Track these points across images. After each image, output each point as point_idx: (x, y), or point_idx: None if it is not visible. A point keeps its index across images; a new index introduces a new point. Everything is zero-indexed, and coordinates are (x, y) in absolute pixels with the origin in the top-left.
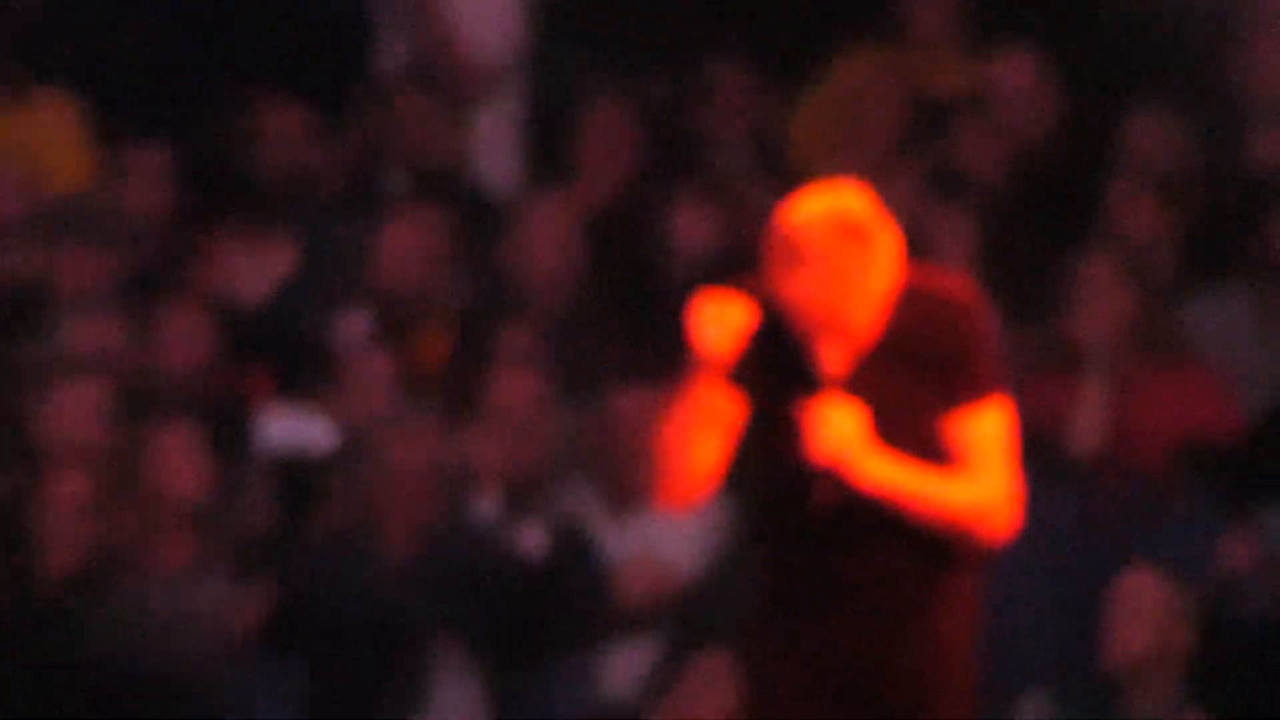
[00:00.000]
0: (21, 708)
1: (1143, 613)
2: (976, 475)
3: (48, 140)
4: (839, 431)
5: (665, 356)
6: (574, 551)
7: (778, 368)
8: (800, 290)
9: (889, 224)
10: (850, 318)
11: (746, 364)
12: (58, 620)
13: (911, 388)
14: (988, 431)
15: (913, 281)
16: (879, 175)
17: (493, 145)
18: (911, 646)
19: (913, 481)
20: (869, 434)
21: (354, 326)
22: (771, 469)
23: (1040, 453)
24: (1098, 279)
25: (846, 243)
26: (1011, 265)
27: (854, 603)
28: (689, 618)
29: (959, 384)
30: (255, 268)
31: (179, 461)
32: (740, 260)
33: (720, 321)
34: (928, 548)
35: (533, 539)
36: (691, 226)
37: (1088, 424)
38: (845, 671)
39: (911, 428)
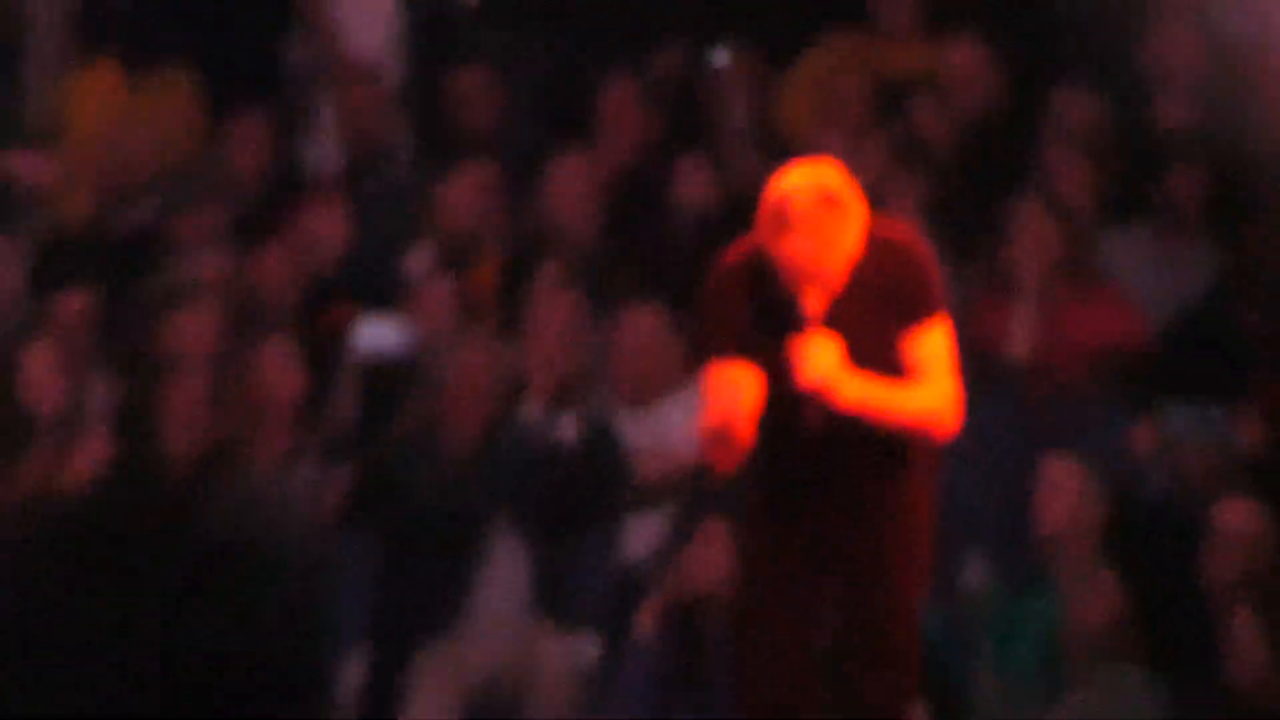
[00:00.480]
0: (148, 577)
1: (1064, 492)
2: (927, 384)
3: (169, 112)
4: (820, 362)
5: (669, 283)
6: (601, 441)
7: (769, 314)
8: (788, 250)
9: (858, 191)
10: (828, 269)
11: (743, 312)
12: (179, 501)
13: (876, 318)
14: (934, 346)
15: (872, 230)
16: (850, 143)
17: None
18: (878, 531)
19: (880, 397)
20: (844, 362)
21: (422, 260)
22: (768, 398)
23: (981, 363)
24: (1029, 221)
25: (826, 210)
26: (959, 213)
27: (832, 497)
28: (694, 493)
29: (910, 309)
30: (336, 218)
31: (277, 369)
32: (732, 210)
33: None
34: (891, 452)
35: (568, 432)
36: (693, 185)
37: (1020, 339)
38: (826, 552)
39: (878, 351)
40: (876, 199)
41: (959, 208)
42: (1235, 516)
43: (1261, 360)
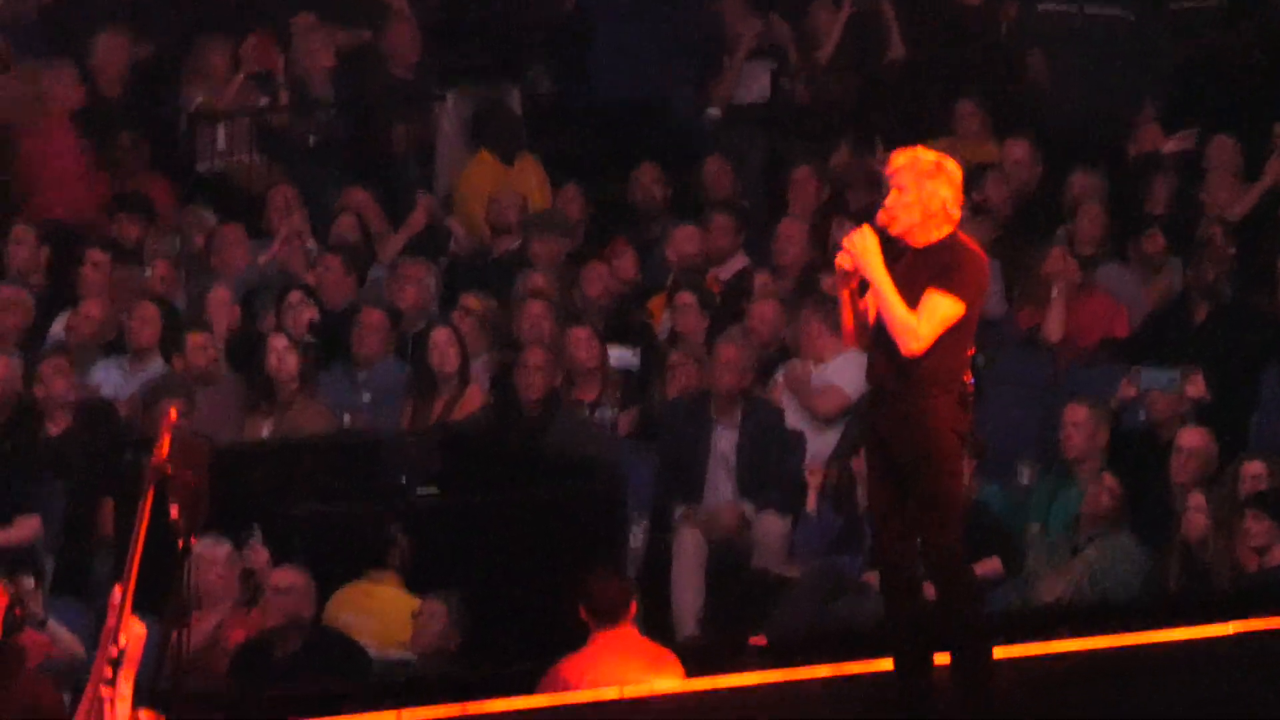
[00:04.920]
0: (512, 475)
1: (1080, 426)
2: (917, 314)
3: (526, 181)
4: (862, 240)
5: None
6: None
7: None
8: (886, 191)
9: (941, 178)
10: (902, 213)
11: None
12: (530, 428)
13: (921, 277)
14: (934, 302)
15: (956, 235)
16: None
17: None
18: (912, 422)
19: (887, 290)
20: (877, 252)
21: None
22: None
23: (1029, 341)
24: (1058, 255)
25: (911, 169)
26: (1014, 250)
27: (885, 395)
28: (855, 418)
29: (939, 275)
30: (629, 257)
31: (585, 348)
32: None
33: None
34: (920, 381)
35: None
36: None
37: (1054, 327)
38: (881, 431)
39: (912, 297)
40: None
41: (1014, 246)
42: (1189, 438)
43: (1202, 341)
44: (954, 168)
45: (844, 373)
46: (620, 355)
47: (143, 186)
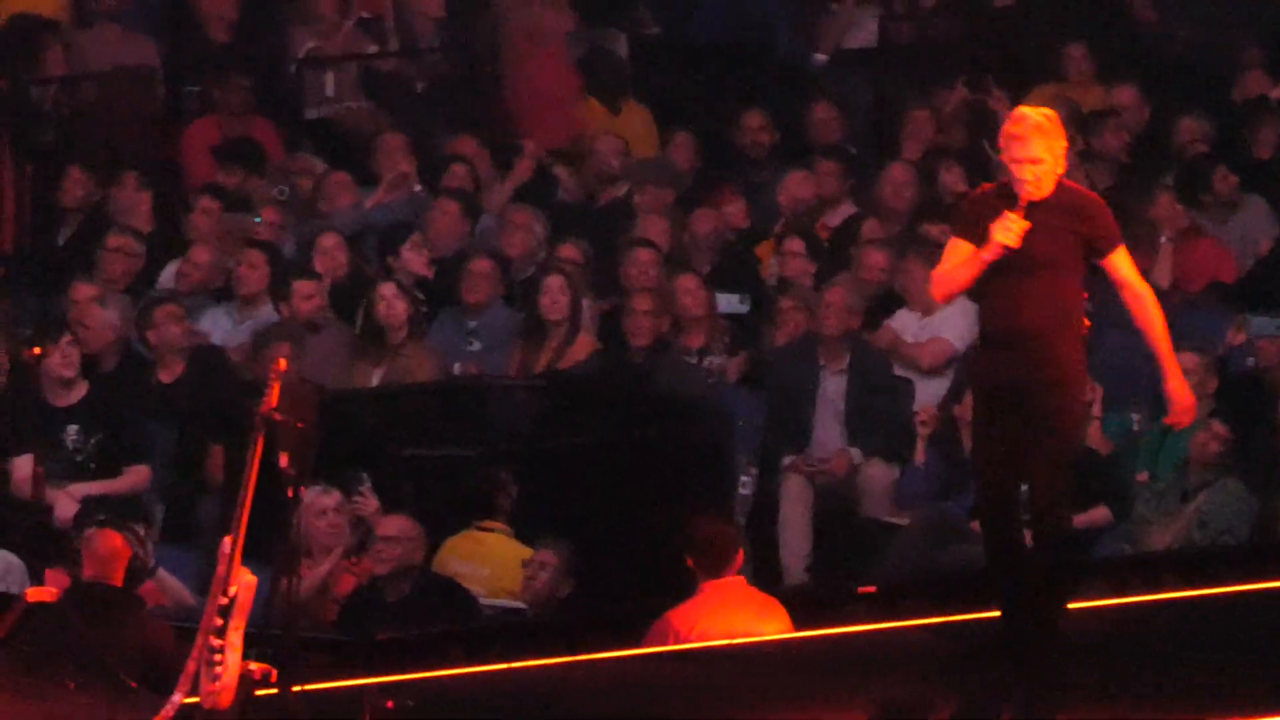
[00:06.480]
0: (621, 418)
1: (1190, 371)
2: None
3: (634, 128)
4: (1012, 226)
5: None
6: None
7: (993, 214)
8: (1016, 152)
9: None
10: (1037, 174)
11: (976, 212)
12: (638, 372)
13: (1059, 227)
14: (1126, 261)
15: (1065, 182)
16: None
17: None
18: (1055, 351)
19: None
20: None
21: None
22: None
23: None
24: (1164, 201)
25: (1041, 129)
26: (1124, 194)
27: (1032, 342)
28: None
29: (1101, 235)
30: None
31: (693, 295)
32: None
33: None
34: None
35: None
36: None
37: (1162, 273)
38: (1020, 378)
39: (1051, 249)
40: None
41: (1124, 190)
42: None
43: None
44: (1054, 115)
45: (951, 324)
46: (728, 301)
47: (251, 132)
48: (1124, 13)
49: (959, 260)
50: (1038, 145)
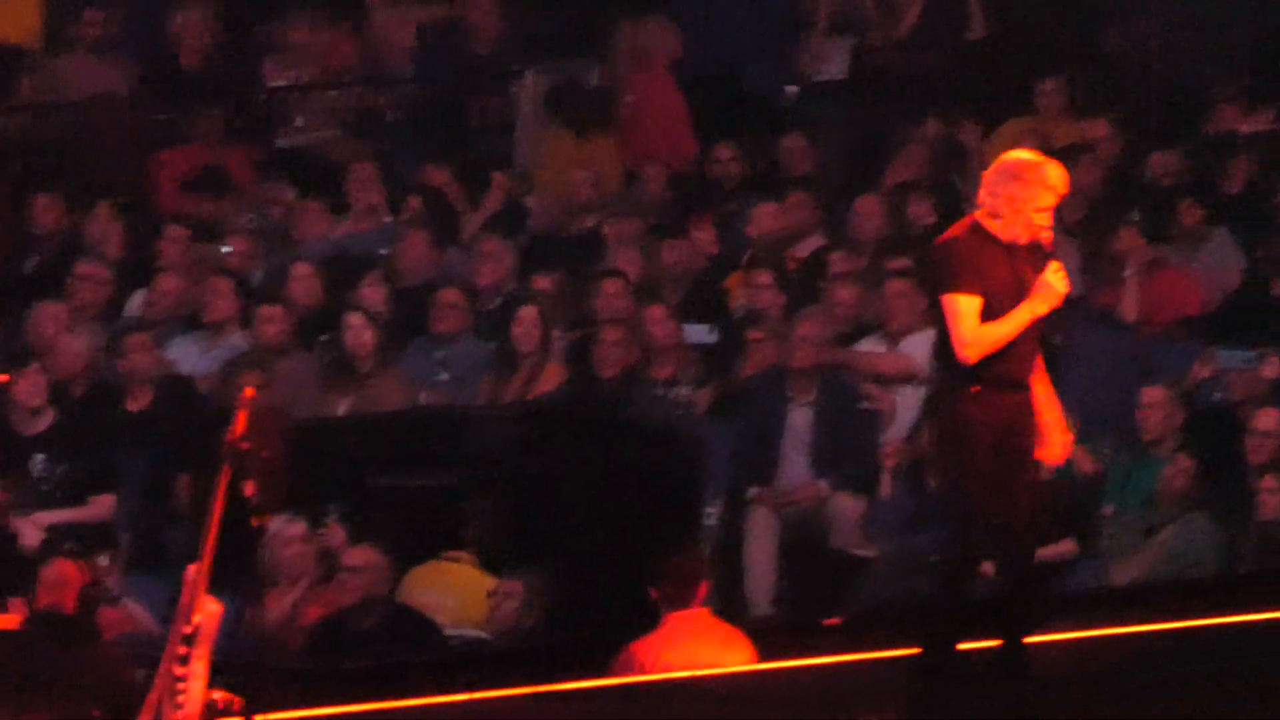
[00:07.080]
0: (589, 448)
1: (1156, 407)
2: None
3: (601, 159)
4: (1062, 280)
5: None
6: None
7: (996, 260)
8: (1045, 204)
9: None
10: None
11: (978, 261)
12: (606, 403)
13: (1031, 270)
14: None
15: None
16: None
17: None
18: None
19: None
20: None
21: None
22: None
23: (1104, 320)
24: (1132, 234)
25: (1066, 191)
26: (1095, 226)
27: (1026, 389)
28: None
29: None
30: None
31: (662, 326)
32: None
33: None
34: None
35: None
36: (923, 210)
37: (1129, 306)
38: (1018, 422)
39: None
40: None
41: (1095, 223)
42: (1266, 419)
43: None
44: None
45: (918, 348)
46: (697, 332)
47: (223, 161)
48: (1097, 47)
49: (1005, 320)
50: (1052, 197)
